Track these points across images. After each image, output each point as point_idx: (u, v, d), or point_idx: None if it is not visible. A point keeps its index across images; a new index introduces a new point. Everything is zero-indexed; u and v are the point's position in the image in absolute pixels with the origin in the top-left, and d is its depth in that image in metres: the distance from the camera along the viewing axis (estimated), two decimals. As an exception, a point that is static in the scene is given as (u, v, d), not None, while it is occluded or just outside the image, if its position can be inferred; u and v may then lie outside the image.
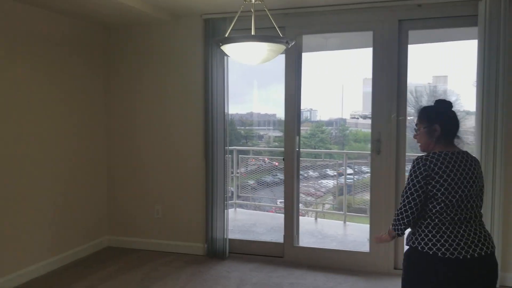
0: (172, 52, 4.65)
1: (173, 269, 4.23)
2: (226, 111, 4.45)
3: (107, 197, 4.96)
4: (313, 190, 8.17)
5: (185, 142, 4.67)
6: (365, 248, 4.41)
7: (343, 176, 6.70)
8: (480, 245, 2.03)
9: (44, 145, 4.11)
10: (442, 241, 2.02)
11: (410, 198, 2.10)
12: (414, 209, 2.10)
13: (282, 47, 2.92)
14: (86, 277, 4.03)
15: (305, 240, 5.11)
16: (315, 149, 10.79)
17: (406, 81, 4.11)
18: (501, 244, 3.71)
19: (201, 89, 4.54)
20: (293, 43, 2.92)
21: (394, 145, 4.08)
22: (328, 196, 8.06)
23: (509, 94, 3.67)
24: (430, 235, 2.06)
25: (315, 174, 7.97)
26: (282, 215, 7.25)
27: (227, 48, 2.93)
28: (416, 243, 2.09)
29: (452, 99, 8.19)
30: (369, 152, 4.22)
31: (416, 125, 2.26)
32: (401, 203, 2.15)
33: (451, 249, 2.00)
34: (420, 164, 2.09)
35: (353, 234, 5.76)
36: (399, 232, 2.20)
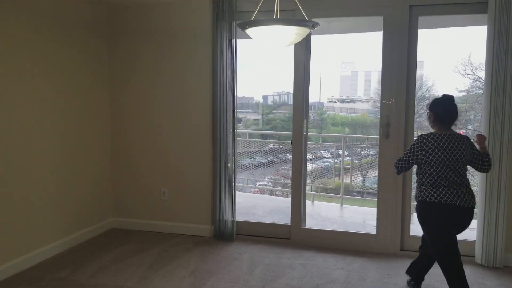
0: (180, 33, 4.59)
1: (183, 250, 4.26)
2: (234, 94, 4.44)
3: (112, 179, 4.92)
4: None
5: (192, 124, 4.65)
6: (367, 230, 4.51)
7: (320, 160, 6.83)
8: (464, 199, 2.93)
9: (47, 124, 4.03)
10: (441, 194, 2.95)
11: (407, 158, 3.11)
12: (406, 165, 3.13)
13: (307, 30, 2.92)
14: (96, 258, 4.02)
15: (306, 222, 5.18)
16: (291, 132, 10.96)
17: (415, 67, 4.16)
18: (506, 227, 3.85)
19: (209, 71, 4.51)
20: (318, 25, 2.92)
21: (402, 129, 4.15)
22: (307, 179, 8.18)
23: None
24: (432, 192, 2.98)
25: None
26: (280, 198, 7.58)
27: (252, 31, 2.91)
28: (425, 197, 3.01)
29: (428, 84, 8.11)
30: (376, 136, 4.28)
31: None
32: (402, 157, 3.16)
33: (445, 198, 2.93)
34: (419, 140, 3.05)
35: (352, 217, 5.88)
36: (395, 171, 3.22)
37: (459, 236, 3.09)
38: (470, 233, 4.86)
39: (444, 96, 3.08)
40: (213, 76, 4.50)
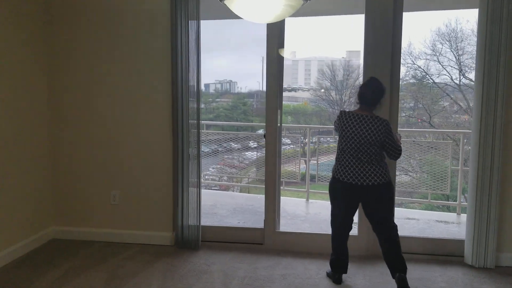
0: (132, 14, 3.93)
1: (141, 264, 3.64)
2: (198, 81, 3.85)
3: (52, 182, 4.17)
4: (237, 162, 8.27)
5: (148, 116, 4.01)
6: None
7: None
8: (364, 177, 3.04)
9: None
10: (341, 172, 3.12)
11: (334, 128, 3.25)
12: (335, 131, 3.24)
13: (300, 2, 2.40)
14: (33, 281, 3.30)
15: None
16: (236, 121, 10.94)
17: (400, 50, 3.77)
18: (498, 224, 3.58)
19: (167, 57, 3.89)
20: (311, -2, 2.42)
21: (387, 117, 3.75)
22: (251, 168, 8.14)
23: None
24: (337, 168, 3.16)
25: (238, 146, 8.04)
26: (242, 195, 7.12)
27: (233, 3, 2.35)
28: (333, 172, 3.21)
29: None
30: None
31: None
32: None
33: (343, 176, 3.10)
34: (338, 115, 3.16)
35: (320, 213, 5.48)
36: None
37: (446, 235, 2.76)
38: (459, 232, 4.69)
39: (369, 78, 3.15)
40: (172, 62, 3.87)
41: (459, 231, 4.73)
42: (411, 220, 5.10)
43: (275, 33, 3.82)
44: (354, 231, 3.99)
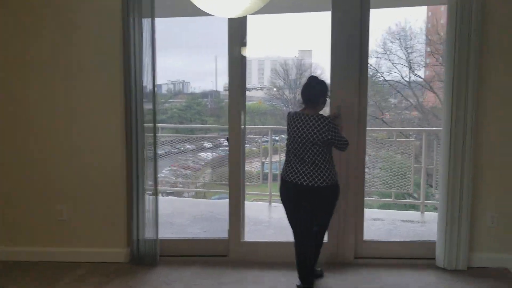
0: (79, 10, 3.54)
1: (93, 286, 3.27)
2: (153, 82, 3.53)
3: (-13, 198, 3.70)
4: (192, 164, 8.05)
5: (98, 120, 3.64)
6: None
7: (220, 148, 6.42)
8: (305, 177, 2.96)
9: None
10: (286, 171, 3.07)
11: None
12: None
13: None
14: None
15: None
16: (190, 122, 10.84)
17: (367, 48, 3.61)
18: (470, 223, 3.50)
19: (119, 57, 3.54)
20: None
21: (355, 122, 3.59)
22: (206, 169, 7.95)
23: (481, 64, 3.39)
24: (284, 168, 3.11)
25: (192, 147, 7.83)
26: (202, 201, 6.81)
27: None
28: (281, 173, 3.16)
29: (317, 72, 8.26)
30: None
31: None
32: None
33: (286, 175, 3.05)
34: (286, 116, 3.11)
35: (285, 217, 5.26)
36: None
37: (416, 237, 2.63)
38: (425, 231, 4.62)
39: (309, 77, 3.10)
40: (124, 63, 3.54)
41: (426, 231, 4.68)
42: (376, 221, 5.00)
43: (238, 31, 3.56)
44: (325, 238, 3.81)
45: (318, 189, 2.96)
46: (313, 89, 3.03)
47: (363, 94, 3.61)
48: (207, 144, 8.63)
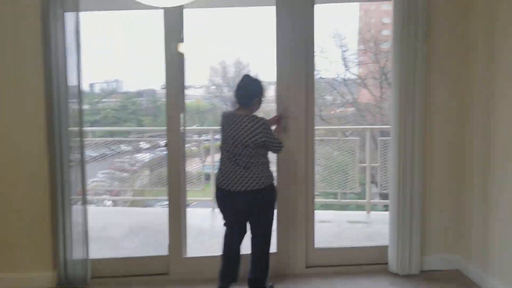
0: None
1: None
2: (79, 82, 3.11)
3: None
4: (128, 166, 7.89)
5: (15, 125, 3.17)
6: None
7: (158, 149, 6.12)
8: (233, 182, 2.78)
9: None
10: (218, 176, 2.89)
11: None
12: None
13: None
14: None
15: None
16: (125, 122, 10.51)
17: (313, 44, 3.40)
18: (421, 226, 3.39)
19: (39, 54, 3.10)
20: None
21: (303, 119, 3.38)
22: (144, 171, 7.72)
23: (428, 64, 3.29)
24: (218, 173, 2.91)
25: (128, 148, 7.76)
26: (138, 209, 6.34)
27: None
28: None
29: (255, 71, 7.82)
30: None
31: None
32: None
33: (217, 180, 2.87)
34: (221, 116, 2.90)
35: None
36: None
37: (368, 240, 2.47)
38: (373, 232, 4.51)
39: (243, 76, 2.91)
40: (45, 61, 3.08)
41: (374, 232, 4.60)
42: (324, 224, 4.84)
43: (174, 25, 3.23)
44: (272, 247, 3.55)
45: (251, 193, 2.77)
46: (246, 88, 2.85)
47: (310, 91, 3.41)
48: (144, 145, 8.38)
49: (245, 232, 2.99)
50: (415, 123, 3.28)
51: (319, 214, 5.26)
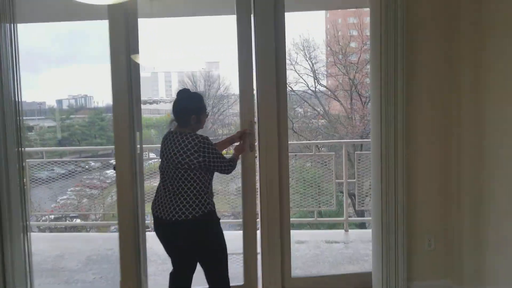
0: None
1: None
2: (18, 98, 2.72)
3: None
4: (98, 182, 7.52)
5: None
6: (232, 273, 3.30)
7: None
8: (166, 210, 2.44)
9: None
10: (153, 203, 2.56)
11: None
12: None
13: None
14: None
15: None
16: (95, 138, 10.41)
17: (284, 54, 3.13)
18: (406, 251, 3.09)
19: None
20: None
21: (275, 138, 3.07)
22: (113, 188, 7.22)
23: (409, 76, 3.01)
24: (153, 199, 2.59)
25: (97, 164, 7.29)
26: (99, 235, 5.86)
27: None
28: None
29: (225, 83, 7.64)
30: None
31: None
32: None
33: (153, 208, 2.54)
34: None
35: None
36: None
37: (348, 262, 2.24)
38: (353, 254, 4.21)
39: (179, 90, 2.64)
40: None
41: (353, 253, 4.31)
42: (301, 245, 4.52)
43: (122, 34, 2.88)
44: (239, 279, 3.17)
45: (181, 225, 2.41)
46: (182, 105, 2.55)
47: (282, 103, 3.11)
48: (114, 161, 7.97)
49: (192, 268, 2.61)
50: (397, 136, 2.99)
51: (294, 234, 4.95)
